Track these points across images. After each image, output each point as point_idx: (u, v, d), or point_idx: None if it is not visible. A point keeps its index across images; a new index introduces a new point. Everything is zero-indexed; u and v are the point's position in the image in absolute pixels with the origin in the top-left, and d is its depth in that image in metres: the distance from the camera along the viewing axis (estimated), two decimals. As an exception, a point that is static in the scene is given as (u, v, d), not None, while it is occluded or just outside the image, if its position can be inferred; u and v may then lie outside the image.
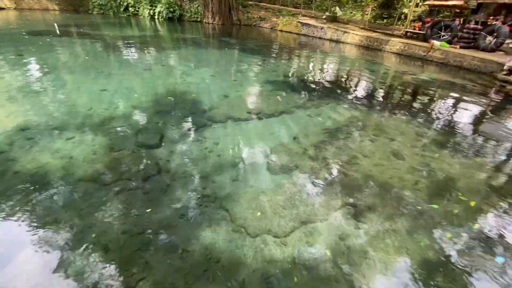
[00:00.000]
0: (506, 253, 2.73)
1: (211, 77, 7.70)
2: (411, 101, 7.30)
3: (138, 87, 6.42)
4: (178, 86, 6.72)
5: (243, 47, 13.09)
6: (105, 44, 11.13)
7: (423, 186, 3.66)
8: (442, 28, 12.72)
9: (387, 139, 4.84)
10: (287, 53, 12.86)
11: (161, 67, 8.27)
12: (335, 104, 6.39)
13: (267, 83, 7.54)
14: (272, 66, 9.65)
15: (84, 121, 4.63)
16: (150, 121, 4.87)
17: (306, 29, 18.23)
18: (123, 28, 16.70)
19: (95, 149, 3.90)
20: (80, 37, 12.38)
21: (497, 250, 2.77)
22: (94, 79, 6.74)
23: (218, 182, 3.54)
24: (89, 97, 5.66)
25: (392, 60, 12.33)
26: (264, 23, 22.51)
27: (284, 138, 4.68)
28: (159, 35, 15.44)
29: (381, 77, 9.56)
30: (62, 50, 9.73)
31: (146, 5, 23.29)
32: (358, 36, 14.86)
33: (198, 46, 12.45)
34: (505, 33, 11.22)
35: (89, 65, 7.89)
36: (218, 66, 8.96)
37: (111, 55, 9.48)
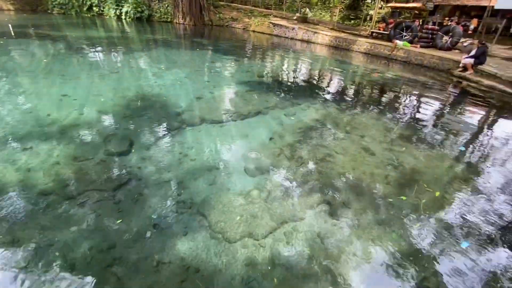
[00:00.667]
0: (470, 238, 2.94)
1: (184, 78, 7.50)
2: (379, 98, 7.67)
3: (105, 91, 6.07)
4: (149, 88, 6.46)
5: (216, 47, 12.94)
6: (67, 46, 10.40)
7: (393, 179, 3.85)
8: (403, 29, 13.55)
9: (358, 135, 5.03)
10: (261, 54, 12.93)
11: (129, 69, 7.90)
12: (309, 103, 6.52)
13: (241, 84, 7.50)
14: (246, 67, 9.64)
15: (43, 129, 4.27)
16: (119, 126, 4.62)
17: (278, 29, 18.47)
18: (87, 29, 15.74)
19: (57, 159, 3.60)
20: (39, 39, 11.47)
21: (462, 235, 2.97)
22: (54, 84, 6.26)
23: (193, 187, 3.44)
24: (49, 102, 5.24)
25: (361, 59, 12.89)
26: (236, 23, 22.45)
27: (260, 139, 4.68)
28: (127, 36, 14.76)
29: (351, 76, 9.95)
30: (18, 53, 8.94)
31: (112, 5, 22.18)
32: (328, 36, 15.35)
33: (169, 47, 12.08)
34: (459, 33, 12.23)
35: (48, 69, 7.33)
36: (190, 67, 8.75)
37: (74, 57, 8.87)
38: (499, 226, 3.14)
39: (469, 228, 3.09)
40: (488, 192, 3.73)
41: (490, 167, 4.38)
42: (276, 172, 3.84)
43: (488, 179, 4.02)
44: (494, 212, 3.35)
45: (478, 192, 3.71)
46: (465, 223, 3.15)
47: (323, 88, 8.17)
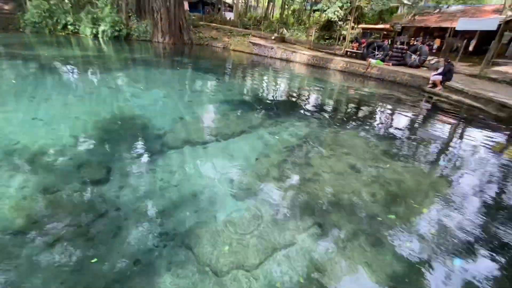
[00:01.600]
0: (462, 254, 2.96)
1: (164, 98, 7.34)
2: (359, 114, 7.93)
3: (80, 113, 5.75)
4: (127, 110, 6.22)
5: (196, 66, 12.96)
6: (39, 66, 9.93)
7: (380, 197, 3.86)
8: (375, 48, 14.43)
9: (343, 153, 5.09)
10: (241, 72, 13.11)
11: (107, 90, 7.62)
12: (292, 121, 6.58)
13: (223, 103, 7.46)
14: (228, 85, 9.67)
15: (10, 159, 3.89)
16: (95, 152, 4.33)
17: (257, 48, 18.98)
18: (62, 48, 15.23)
19: (24, 193, 3.26)
20: (10, 59, 10.88)
21: (453, 252, 2.99)
22: (23, 106, 5.85)
23: (177, 216, 3.22)
24: (17, 127, 4.85)
25: (338, 77, 13.45)
26: (216, 42, 22.84)
27: (245, 160, 4.57)
28: (104, 55, 14.43)
29: (330, 93, 10.28)
30: (-19, 73, 8.36)
31: (88, 23, 21.82)
32: (306, 55, 15.97)
33: (148, 66, 11.92)
34: (426, 52, 13.23)
35: (18, 90, 6.88)
36: (171, 87, 8.62)
37: (46, 78, 8.44)
38: (491, 240, 3.20)
39: (459, 245, 3.12)
40: (473, 205, 3.84)
41: (470, 178, 4.56)
42: (264, 195, 3.73)
43: (470, 190, 4.17)
44: (482, 226, 3.43)
45: (463, 205, 3.81)
46: (455, 240, 3.18)
47: (304, 106, 8.33)
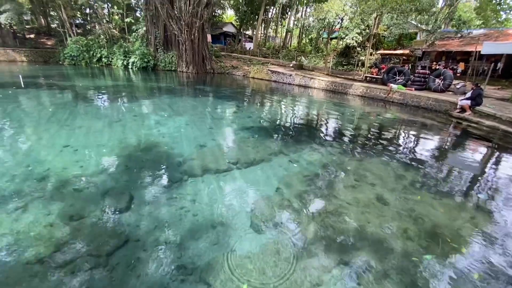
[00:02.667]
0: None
1: (186, 126, 7.57)
2: (382, 140, 7.65)
3: (107, 140, 6.03)
4: (151, 137, 6.44)
5: (217, 94, 13.45)
6: (74, 95, 10.78)
7: (413, 234, 3.54)
8: (396, 73, 14.29)
9: (368, 183, 4.83)
10: (261, 99, 13.40)
11: (133, 118, 8.02)
12: (313, 148, 6.45)
13: (243, 130, 7.54)
14: (247, 112, 9.85)
15: (41, 184, 4.08)
16: (119, 179, 4.44)
17: (276, 76, 19.51)
18: (95, 78, 16.58)
19: (50, 220, 3.34)
20: (48, 89, 11.95)
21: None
22: (57, 134, 6.26)
23: (195, 248, 3.12)
24: (49, 154, 5.14)
25: (358, 102, 13.31)
26: (236, 71, 23.83)
27: (266, 190, 4.46)
28: (133, 85, 15.47)
29: (350, 118, 10.12)
30: (25, 102, 9.19)
31: (120, 56, 23.78)
32: (324, 81, 16.12)
33: (172, 95, 12.55)
34: (450, 76, 12.88)
35: (53, 118, 7.42)
36: (193, 115, 8.92)
37: (79, 106, 9.11)
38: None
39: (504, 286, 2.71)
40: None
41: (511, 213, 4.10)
42: (285, 228, 3.55)
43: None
44: (532, 273, 2.99)
45: (506, 244, 3.39)
46: (500, 283, 2.78)
47: (325, 132, 8.21)
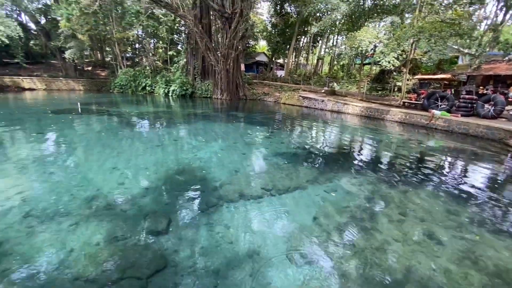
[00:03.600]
0: None
1: (221, 151, 7.78)
2: (428, 170, 7.06)
3: (150, 164, 6.41)
4: (189, 161, 6.71)
5: (250, 119, 13.81)
6: (121, 120, 11.84)
7: (476, 280, 3.08)
8: (438, 99, 13.51)
9: (416, 218, 4.41)
10: (293, 125, 13.44)
11: (173, 142, 8.50)
12: (350, 177, 6.17)
13: (277, 156, 7.53)
14: (280, 138, 9.89)
15: (91, 204, 4.40)
16: (159, 202, 4.62)
17: (307, 101, 19.61)
18: (139, 105, 18.16)
19: (98, 239, 3.53)
20: (99, 114, 13.31)
21: None
22: (106, 156, 6.83)
23: (231, 278, 3.04)
24: (100, 176, 5.58)
25: (396, 129, 12.68)
26: (268, 97, 24.47)
27: (303, 219, 4.29)
28: (172, 111, 16.61)
29: (390, 145, 9.61)
30: (81, 127, 10.29)
31: (162, 84, 25.90)
32: (358, 107, 15.78)
33: (208, 120, 13.17)
34: (502, 102, 11.80)
35: (104, 142, 8.15)
36: (227, 139, 9.20)
37: (126, 131, 9.94)
38: None
39: None
40: None
41: None
42: (325, 262, 3.32)
43: None
44: None
45: None
46: None
47: (362, 159, 7.86)
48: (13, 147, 7.63)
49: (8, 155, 6.87)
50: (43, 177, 5.42)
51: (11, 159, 6.51)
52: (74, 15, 24.23)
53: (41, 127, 10.27)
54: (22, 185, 5.03)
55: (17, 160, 6.42)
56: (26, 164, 6.13)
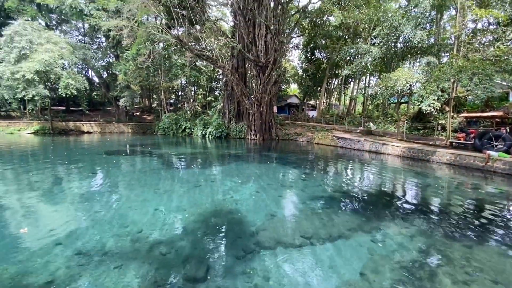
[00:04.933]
0: None
1: (256, 193, 7.73)
2: (492, 220, 6.13)
3: (188, 205, 6.56)
4: (226, 203, 6.74)
5: (284, 160, 13.79)
6: (163, 161, 12.65)
7: None
8: (491, 138, 12.29)
9: (487, 279, 3.72)
10: (329, 166, 13.06)
11: (210, 183, 8.72)
12: (399, 225, 5.59)
13: (314, 200, 7.23)
14: (316, 180, 9.59)
15: (134, 246, 4.52)
16: (197, 246, 4.58)
17: (342, 142, 19.20)
18: (179, 146, 19.40)
19: (141, 283, 3.54)
20: (144, 155, 14.43)
21: None
22: (149, 197, 7.18)
23: None
24: (142, 216, 5.82)
25: (445, 171, 11.57)
26: (300, 137, 24.56)
27: (348, 274, 3.88)
28: (209, 152, 17.40)
29: (441, 190, 8.70)
30: (128, 168, 11.17)
31: (200, 127, 27.69)
32: (399, 147, 14.95)
33: (242, 161, 13.46)
34: None
35: (147, 182, 8.67)
36: (262, 181, 9.17)
37: (167, 171, 10.53)
38: None
39: None
40: None
41: None
42: (382, 332, 2.86)
43: None
44: None
45: None
46: None
47: (411, 206, 7.15)
48: (68, 184, 8.49)
49: (62, 191, 7.63)
50: (90, 215, 5.81)
51: (65, 196, 7.19)
52: (130, 70, 28.22)
53: (94, 167, 11.38)
54: (71, 221, 5.44)
55: (69, 197, 7.08)
56: (76, 201, 6.71)
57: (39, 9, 31.20)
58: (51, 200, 6.91)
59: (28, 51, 24.75)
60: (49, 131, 28.52)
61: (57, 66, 25.35)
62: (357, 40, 29.63)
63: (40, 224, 5.38)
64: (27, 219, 5.61)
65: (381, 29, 17.77)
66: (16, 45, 24.57)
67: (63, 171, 10.50)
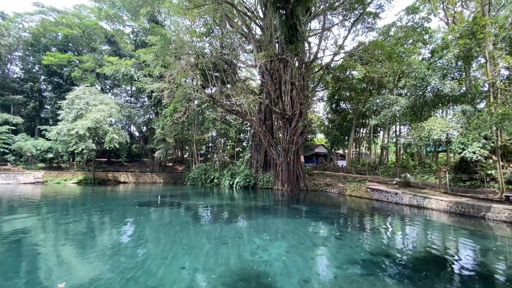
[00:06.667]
0: None
1: (287, 253, 7.15)
2: None
3: (215, 265, 6.21)
4: (254, 265, 6.27)
5: (315, 214, 13.01)
6: (191, 213, 12.65)
7: None
8: (558, 193, 10.64)
9: None
10: (366, 221, 12.00)
11: (237, 240, 8.35)
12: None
13: (352, 264, 6.46)
14: (353, 239, 8.73)
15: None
16: (224, 317, 4.16)
17: (378, 194, 17.92)
18: (207, 197, 19.49)
19: None
20: (173, 207, 14.61)
21: None
22: (178, 253, 6.98)
23: None
24: (170, 275, 5.58)
25: (508, 231, 9.94)
26: (331, 188, 23.50)
27: None
28: (237, 203, 17.17)
29: (506, 256, 7.33)
30: (157, 220, 11.28)
31: (228, 177, 28.01)
32: (444, 201, 13.48)
33: (271, 214, 12.95)
34: None
35: (176, 237, 8.55)
36: (293, 239, 8.57)
37: (195, 225, 10.42)
38: None
39: None
40: None
41: None
42: None
43: None
44: None
45: None
46: None
47: (471, 275, 6.04)
48: (100, 235, 8.73)
49: (94, 243, 7.76)
50: (119, 271, 5.71)
51: (96, 248, 7.29)
52: (167, 125, 30.82)
53: (126, 218, 11.68)
54: (99, 277, 5.34)
55: (100, 248, 7.16)
56: (107, 253, 6.74)
57: (97, 76, 37.09)
58: (83, 252, 7.04)
59: (84, 111, 28.58)
60: (91, 181, 30.69)
61: (106, 123, 28.62)
62: (382, 91, 30.00)
63: (73, 277, 5.37)
64: (61, 271, 5.68)
65: (407, 80, 17.91)
66: (75, 107, 28.64)
67: (97, 221, 10.92)
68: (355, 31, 26.57)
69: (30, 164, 32.03)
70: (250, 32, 24.64)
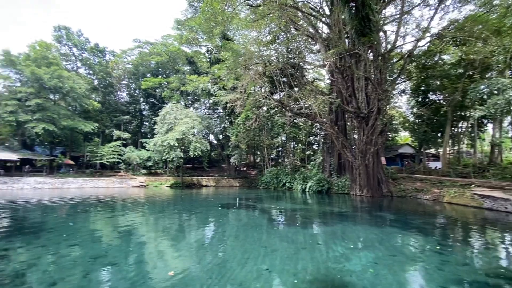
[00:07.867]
0: None
1: (375, 265, 6.44)
2: None
3: (296, 269, 6.12)
4: (338, 274, 5.89)
5: (405, 224, 11.41)
6: (268, 217, 13.00)
7: None
8: None
9: None
10: (474, 235, 9.82)
11: (317, 246, 8.06)
12: None
13: (460, 285, 5.32)
14: (459, 255, 7.23)
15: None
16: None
17: (490, 202, 14.45)
18: (281, 200, 19.68)
19: None
20: (249, 209, 15.33)
21: None
22: (258, 255, 7.19)
23: None
24: (251, 275, 5.79)
25: None
26: (422, 194, 20.30)
27: None
28: (312, 208, 16.75)
29: None
30: (238, 222, 12.02)
31: (300, 181, 27.64)
32: None
33: (350, 221, 12.07)
34: None
35: (256, 239, 8.85)
36: (380, 250, 7.69)
37: (273, 228, 10.65)
38: None
39: None
40: None
41: None
42: None
43: None
44: None
45: None
46: None
47: None
48: (189, 232, 9.93)
49: (184, 239, 8.83)
50: (204, 266, 6.25)
51: (186, 243, 8.25)
52: (240, 132, 32.82)
53: (211, 218, 12.90)
54: (187, 269, 5.96)
55: (191, 243, 8.10)
56: (194, 248, 7.53)
57: (181, 94, 42.78)
58: (175, 245, 8.16)
59: (173, 124, 33.32)
60: (180, 184, 35.36)
61: (190, 134, 32.63)
62: (488, 74, 24.31)
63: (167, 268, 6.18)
64: (160, 260, 6.69)
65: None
66: (166, 121, 33.71)
67: (186, 219, 12.48)
68: (443, 8, 22.52)
69: (136, 171, 39.31)
70: (317, 31, 23.91)
